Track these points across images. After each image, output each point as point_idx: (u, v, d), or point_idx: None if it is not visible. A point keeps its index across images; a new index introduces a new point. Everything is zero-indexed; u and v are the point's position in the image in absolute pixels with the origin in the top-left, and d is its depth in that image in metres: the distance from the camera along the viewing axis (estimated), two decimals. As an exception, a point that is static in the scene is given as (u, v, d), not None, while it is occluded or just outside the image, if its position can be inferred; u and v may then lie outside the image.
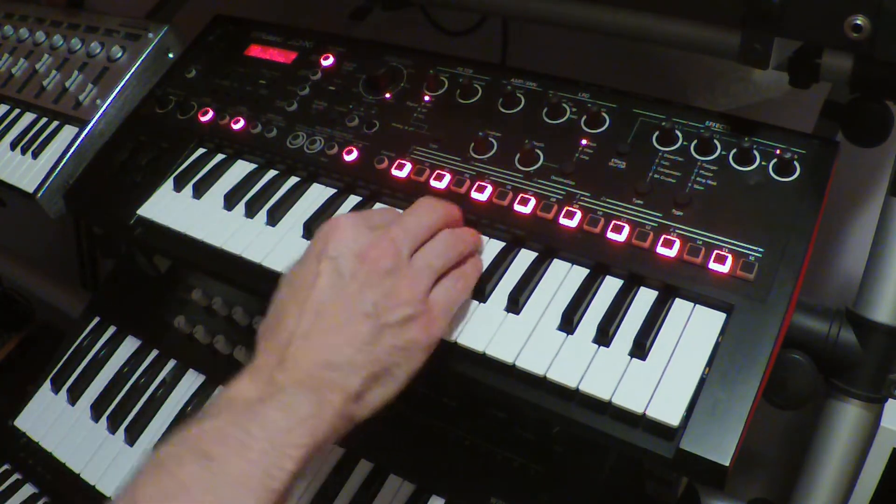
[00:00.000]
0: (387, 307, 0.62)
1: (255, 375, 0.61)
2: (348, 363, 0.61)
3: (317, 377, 0.60)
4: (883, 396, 0.74)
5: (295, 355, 0.61)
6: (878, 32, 0.62)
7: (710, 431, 0.59)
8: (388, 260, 0.64)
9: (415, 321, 0.63)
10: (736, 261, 0.67)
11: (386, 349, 0.62)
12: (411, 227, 0.67)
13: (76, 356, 1.11)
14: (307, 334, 0.61)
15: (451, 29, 1.25)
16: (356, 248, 0.64)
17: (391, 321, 0.62)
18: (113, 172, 0.96)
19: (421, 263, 0.66)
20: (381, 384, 0.62)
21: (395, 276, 0.63)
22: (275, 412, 0.58)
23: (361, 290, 0.62)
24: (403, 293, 0.63)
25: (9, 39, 1.24)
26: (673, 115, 0.78)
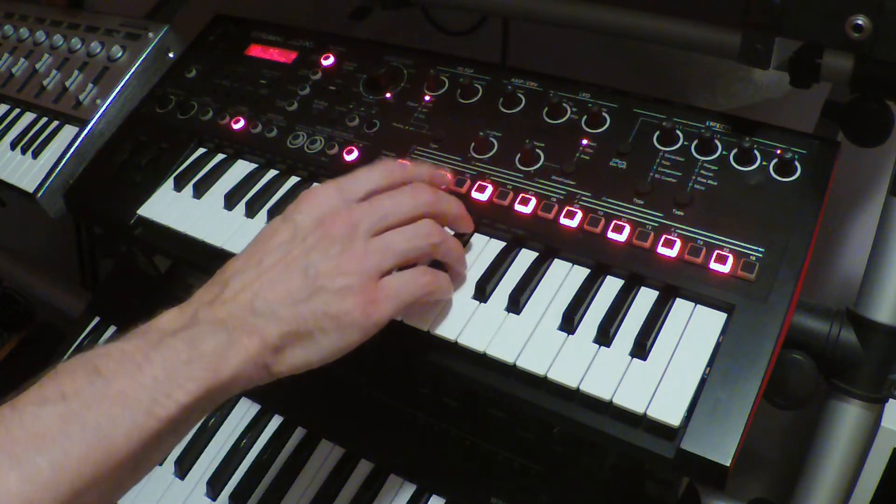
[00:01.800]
0: (326, 272, 0.62)
1: (182, 309, 0.63)
2: (271, 312, 0.61)
3: (237, 318, 0.61)
4: (883, 396, 0.74)
5: (225, 297, 0.62)
6: (879, 32, 0.62)
7: (710, 431, 0.59)
8: (342, 228, 0.64)
9: (353, 295, 0.62)
10: (737, 261, 0.67)
11: (314, 311, 0.61)
12: (382, 207, 0.66)
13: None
14: (244, 279, 0.63)
15: (451, 29, 1.25)
16: (317, 213, 0.65)
17: (327, 287, 0.62)
18: (113, 172, 0.96)
19: (380, 243, 0.65)
20: (303, 345, 0.62)
21: (346, 244, 0.63)
22: (181, 343, 0.59)
23: (307, 250, 0.63)
24: (348, 264, 0.63)
25: (9, 39, 1.23)
26: (673, 114, 0.78)
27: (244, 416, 0.97)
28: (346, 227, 0.64)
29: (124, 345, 0.59)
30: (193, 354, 0.58)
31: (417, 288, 0.66)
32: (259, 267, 0.63)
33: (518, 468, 0.84)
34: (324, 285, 0.62)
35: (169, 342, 0.59)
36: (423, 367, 0.65)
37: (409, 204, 0.67)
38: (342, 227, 0.64)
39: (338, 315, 0.62)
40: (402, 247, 0.65)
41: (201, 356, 0.58)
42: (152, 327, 0.61)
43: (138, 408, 0.56)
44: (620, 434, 0.62)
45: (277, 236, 0.65)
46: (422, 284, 0.66)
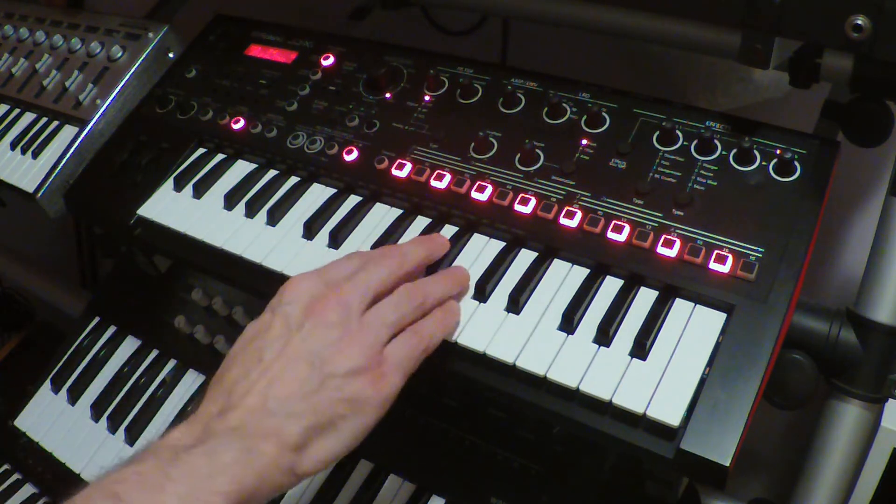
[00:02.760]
0: (331, 358, 0.61)
1: (191, 424, 0.60)
2: (285, 411, 0.59)
3: (252, 424, 0.58)
4: (883, 396, 0.74)
5: (234, 403, 0.60)
6: (879, 32, 0.62)
7: (710, 431, 0.59)
8: (335, 312, 0.63)
9: (362, 375, 0.61)
10: (736, 261, 0.67)
11: (329, 400, 0.60)
12: (363, 281, 0.66)
13: (76, 356, 1.11)
14: (249, 381, 0.60)
15: (451, 29, 1.25)
16: (307, 301, 0.64)
17: (335, 372, 0.60)
18: (113, 172, 0.96)
19: (373, 318, 0.64)
20: (326, 437, 0.60)
21: (343, 328, 0.62)
22: (199, 458, 0.56)
23: (306, 339, 0.62)
24: (350, 346, 0.62)
25: (9, 39, 1.23)
26: (673, 115, 0.78)
27: (244, 416, 0.96)
28: (338, 310, 0.63)
29: (138, 466, 0.56)
30: (214, 468, 0.56)
31: (417, 350, 0.65)
32: (260, 365, 0.61)
33: (518, 468, 0.84)
34: (332, 371, 0.60)
35: (186, 458, 0.56)
36: (423, 368, 0.65)
37: (385, 272, 0.67)
38: (335, 311, 0.63)
39: (352, 398, 0.60)
40: (393, 317, 0.65)
41: (223, 469, 0.56)
42: (163, 445, 0.58)
43: None
44: (620, 434, 0.62)
45: (270, 331, 0.63)
46: (415, 345, 0.65)
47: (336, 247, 0.79)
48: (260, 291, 0.81)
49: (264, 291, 0.80)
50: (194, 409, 0.62)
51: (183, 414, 0.99)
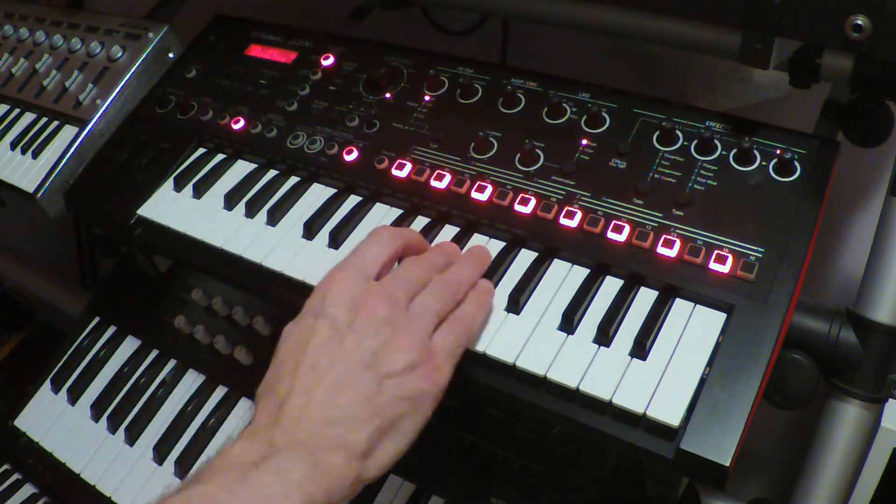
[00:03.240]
0: (387, 356, 0.60)
1: (251, 438, 0.58)
2: (349, 418, 0.58)
3: (316, 436, 0.57)
4: (883, 396, 0.74)
5: (291, 415, 0.58)
6: (879, 32, 0.62)
7: (710, 431, 0.59)
8: (385, 308, 0.62)
9: (418, 369, 0.60)
10: (736, 261, 0.67)
11: (390, 400, 0.59)
12: (404, 275, 0.66)
13: (76, 356, 1.11)
14: (305, 392, 0.59)
15: (451, 29, 1.25)
16: (350, 300, 0.62)
17: (393, 370, 0.60)
18: (113, 172, 0.96)
19: (419, 309, 0.64)
20: (390, 438, 0.60)
21: (393, 323, 0.61)
22: (268, 476, 0.55)
23: (359, 341, 0.60)
24: (403, 341, 0.61)
25: (9, 39, 1.23)
26: (673, 115, 0.78)
27: (244, 416, 0.97)
28: (387, 306, 0.62)
29: (205, 488, 0.54)
30: (285, 486, 0.54)
31: (459, 337, 0.65)
32: (314, 373, 0.59)
33: (518, 468, 0.84)
34: (389, 371, 0.60)
35: (254, 475, 0.55)
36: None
37: (424, 267, 0.68)
38: (384, 307, 0.62)
39: (412, 394, 0.60)
40: (437, 306, 0.65)
41: (295, 486, 0.54)
42: (227, 463, 0.56)
43: None
44: (620, 434, 0.62)
45: (318, 336, 0.61)
46: (462, 332, 0.65)
47: (336, 247, 0.79)
48: (260, 291, 0.82)
49: (264, 291, 0.80)
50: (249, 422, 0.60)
51: (182, 414, 0.99)
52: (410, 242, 0.71)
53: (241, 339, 1.03)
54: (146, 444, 0.98)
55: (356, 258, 0.67)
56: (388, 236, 0.69)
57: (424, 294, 0.65)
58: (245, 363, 1.01)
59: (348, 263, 0.66)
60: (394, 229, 0.72)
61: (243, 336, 1.03)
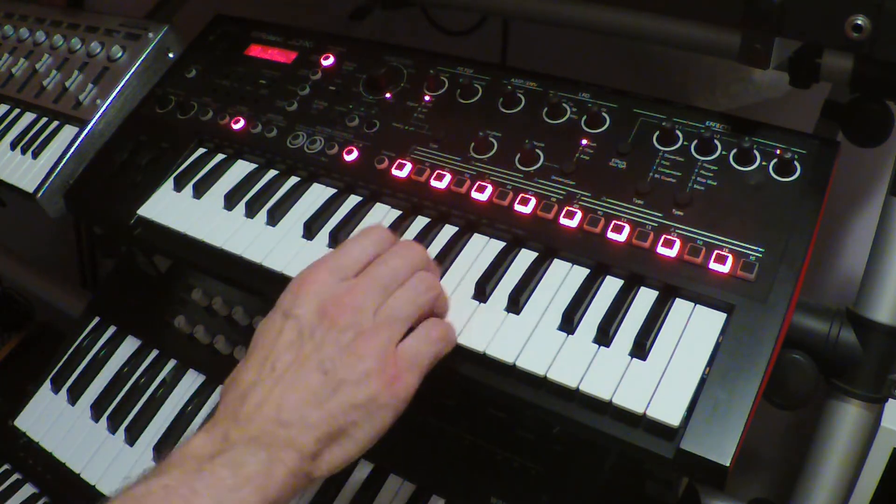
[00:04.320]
0: (344, 362, 0.60)
1: (210, 431, 0.60)
2: (301, 420, 0.58)
3: (269, 433, 0.58)
4: (883, 396, 0.74)
5: (249, 411, 0.59)
6: (879, 32, 0.62)
7: (710, 431, 0.59)
8: (349, 315, 0.61)
9: (375, 377, 0.60)
10: (736, 261, 0.67)
11: (342, 406, 0.59)
12: (378, 277, 0.64)
13: (76, 356, 1.11)
14: (263, 389, 0.60)
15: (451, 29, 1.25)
16: (318, 304, 0.62)
17: (348, 377, 0.59)
18: (113, 172, 0.96)
19: (385, 315, 0.63)
20: (339, 444, 0.60)
21: (355, 329, 0.61)
22: (223, 469, 0.56)
23: (319, 346, 0.61)
24: (363, 348, 0.60)
25: (9, 39, 1.23)
26: (673, 115, 0.78)
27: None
28: (351, 312, 0.62)
29: (164, 479, 0.56)
30: (239, 479, 0.56)
31: (434, 346, 0.64)
32: (273, 373, 0.61)
33: (518, 468, 0.84)
34: (344, 377, 0.60)
35: (209, 469, 0.56)
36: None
37: (405, 267, 0.66)
38: (348, 313, 0.61)
39: (366, 403, 0.60)
40: (408, 310, 0.63)
41: (247, 479, 0.56)
42: (186, 455, 0.58)
43: None
44: (620, 434, 0.62)
45: (283, 336, 0.62)
46: (436, 340, 0.64)
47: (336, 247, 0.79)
48: (260, 291, 0.81)
49: (264, 291, 0.80)
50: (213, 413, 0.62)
51: (182, 414, 0.99)
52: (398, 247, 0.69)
53: (241, 339, 1.03)
54: (146, 444, 0.98)
55: (335, 257, 0.66)
56: (374, 239, 0.68)
57: (398, 297, 0.64)
58: (245, 363, 1.01)
59: (326, 261, 0.66)
60: (384, 233, 0.69)
61: (243, 336, 1.03)
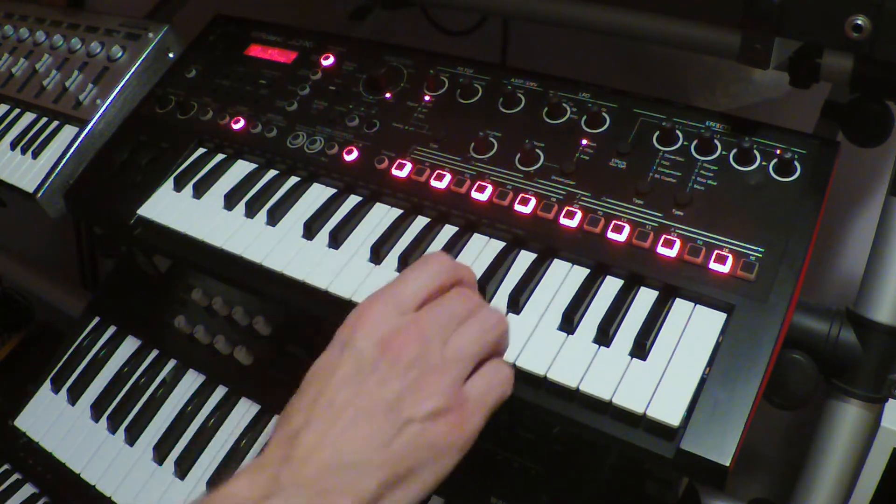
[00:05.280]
0: (410, 401, 0.55)
1: (257, 473, 0.55)
2: (362, 463, 0.53)
3: (326, 478, 0.53)
4: (883, 396, 0.74)
5: (301, 453, 0.54)
6: (879, 32, 0.62)
7: (710, 431, 0.59)
8: (415, 348, 0.57)
9: (444, 416, 0.56)
10: (736, 261, 0.67)
11: (408, 447, 0.54)
12: (444, 308, 0.60)
13: (76, 356, 1.11)
14: (318, 429, 0.55)
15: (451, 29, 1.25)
16: (379, 337, 0.57)
17: (415, 416, 0.55)
18: (113, 172, 0.96)
19: (452, 351, 0.58)
20: (403, 488, 0.55)
21: (422, 366, 0.56)
22: None
23: (382, 381, 0.56)
24: (430, 385, 0.56)
25: (9, 39, 1.23)
26: (673, 115, 0.78)
27: (244, 416, 0.97)
28: (417, 347, 0.57)
29: None
30: None
31: (499, 389, 0.60)
32: (330, 410, 0.55)
33: (518, 468, 0.84)
34: (411, 416, 0.55)
35: None
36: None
37: (471, 300, 0.62)
38: (413, 347, 0.57)
39: (433, 443, 0.55)
40: (475, 349, 0.59)
41: None
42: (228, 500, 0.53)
43: None
44: (620, 434, 0.62)
45: (340, 370, 0.57)
46: (502, 382, 0.60)
47: (336, 247, 0.79)
48: (260, 291, 0.82)
49: (264, 291, 0.80)
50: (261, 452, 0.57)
51: (182, 415, 0.99)
52: (461, 279, 0.64)
53: (241, 339, 1.03)
54: (146, 444, 0.98)
55: (396, 288, 0.61)
56: (437, 268, 0.63)
57: (466, 334, 0.60)
58: (245, 363, 1.01)
59: (386, 293, 0.61)
60: (447, 261, 0.64)
61: (243, 336, 1.03)
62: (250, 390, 0.98)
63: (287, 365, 0.99)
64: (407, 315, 0.59)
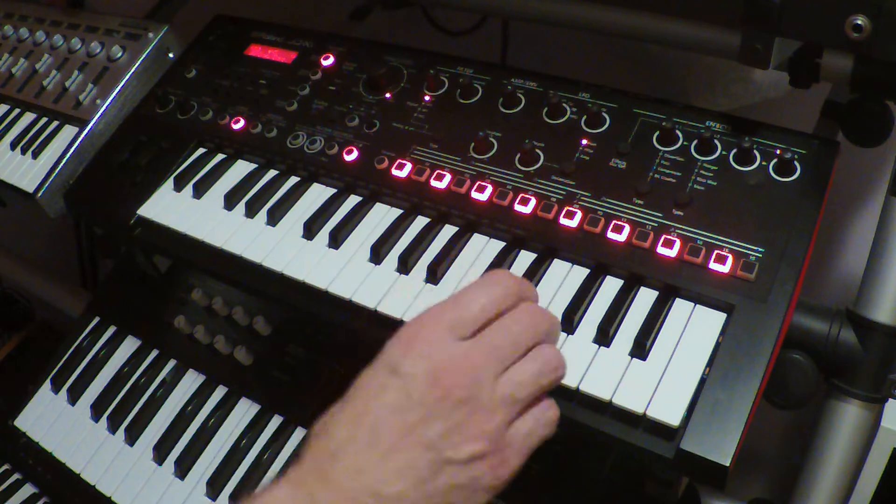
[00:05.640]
0: (453, 442, 0.54)
1: (295, 487, 0.54)
2: (398, 497, 0.53)
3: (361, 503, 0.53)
4: (883, 396, 0.74)
5: (341, 476, 0.54)
6: (878, 32, 0.62)
7: (710, 431, 0.59)
8: (465, 389, 0.55)
9: (483, 460, 0.55)
10: (736, 261, 0.67)
11: (444, 488, 0.54)
12: (503, 341, 0.57)
13: (76, 356, 1.11)
14: (359, 454, 0.54)
15: (451, 29, 1.25)
16: (431, 367, 0.55)
17: (455, 458, 0.54)
18: (113, 172, 0.96)
19: (503, 393, 0.56)
20: None
21: (470, 406, 0.55)
22: None
23: (427, 418, 0.54)
24: (475, 427, 0.55)
25: (9, 39, 1.23)
26: (673, 115, 0.78)
27: (244, 416, 0.97)
28: (467, 386, 0.55)
29: None
30: None
31: (545, 430, 0.59)
32: (373, 435, 0.54)
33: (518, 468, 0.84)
34: (451, 458, 0.54)
35: None
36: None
37: (531, 334, 0.59)
38: (463, 387, 0.55)
39: (468, 484, 0.55)
40: (529, 391, 0.57)
41: None
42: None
43: None
44: (620, 434, 0.62)
45: (386, 395, 0.55)
46: (548, 423, 0.59)
47: (336, 247, 0.79)
48: (260, 291, 0.82)
49: (264, 291, 0.80)
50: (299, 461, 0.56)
51: (183, 414, 0.99)
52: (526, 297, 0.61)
53: (241, 339, 1.03)
54: (146, 444, 0.98)
55: (456, 309, 0.58)
56: (501, 291, 0.60)
57: (520, 372, 0.57)
58: (245, 363, 1.01)
59: (443, 313, 0.58)
60: (513, 280, 0.61)
61: (243, 336, 1.03)
62: (250, 390, 0.98)
63: (287, 365, 0.99)
64: (463, 343, 0.57)
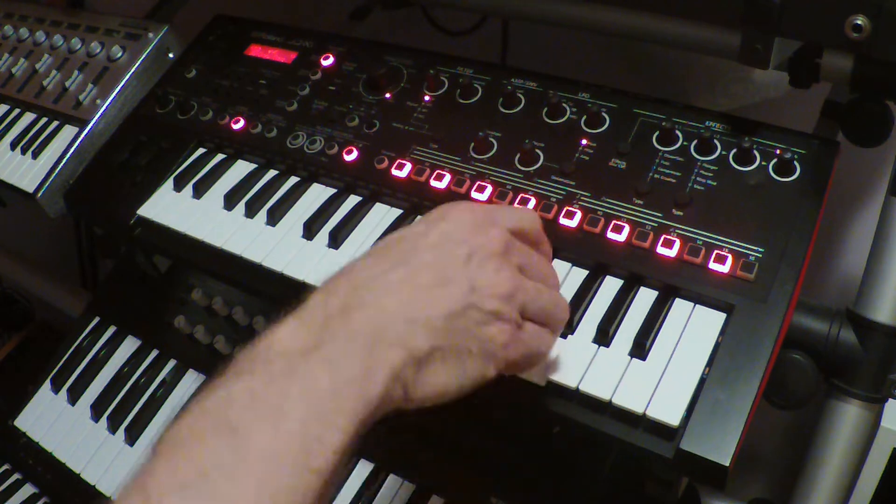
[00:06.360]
0: (482, 288, 0.54)
1: (305, 321, 0.52)
2: (427, 321, 0.52)
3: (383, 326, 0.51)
4: (883, 396, 0.74)
5: (365, 301, 0.52)
6: (878, 32, 0.62)
7: (710, 431, 0.59)
8: (499, 244, 0.56)
9: (501, 323, 0.55)
10: (736, 261, 0.67)
11: (466, 329, 0.53)
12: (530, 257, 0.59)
13: (76, 356, 1.11)
14: (391, 282, 0.53)
15: (451, 29, 1.25)
16: (470, 221, 0.57)
17: (480, 305, 0.54)
18: (113, 172, 0.96)
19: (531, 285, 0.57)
20: (447, 365, 0.53)
21: (502, 264, 0.56)
22: (318, 368, 0.48)
23: (468, 257, 0.55)
24: (503, 286, 0.55)
25: (9, 39, 1.24)
26: (673, 115, 0.78)
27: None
28: (502, 245, 0.56)
29: (247, 381, 0.48)
30: (338, 381, 0.48)
31: (545, 347, 0.59)
32: (408, 266, 0.54)
33: (518, 468, 0.84)
34: (477, 302, 0.54)
35: (303, 369, 0.48)
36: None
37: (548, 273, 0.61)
38: (499, 243, 0.56)
39: (484, 339, 0.54)
40: (542, 304, 0.58)
41: (348, 382, 0.48)
42: (273, 351, 0.50)
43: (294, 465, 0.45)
44: (620, 434, 0.62)
45: (424, 238, 0.56)
46: (547, 344, 0.60)
47: (336, 247, 0.79)
48: (260, 291, 0.82)
49: (264, 291, 0.80)
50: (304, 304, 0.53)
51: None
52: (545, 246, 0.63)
53: (241, 339, 1.03)
54: (146, 444, 0.98)
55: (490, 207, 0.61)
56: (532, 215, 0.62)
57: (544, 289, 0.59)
58: (245, 363, 1.01)
59: (479, 206, 0.60)
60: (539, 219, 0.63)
61: (243, 336, 1.03)
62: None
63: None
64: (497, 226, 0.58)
